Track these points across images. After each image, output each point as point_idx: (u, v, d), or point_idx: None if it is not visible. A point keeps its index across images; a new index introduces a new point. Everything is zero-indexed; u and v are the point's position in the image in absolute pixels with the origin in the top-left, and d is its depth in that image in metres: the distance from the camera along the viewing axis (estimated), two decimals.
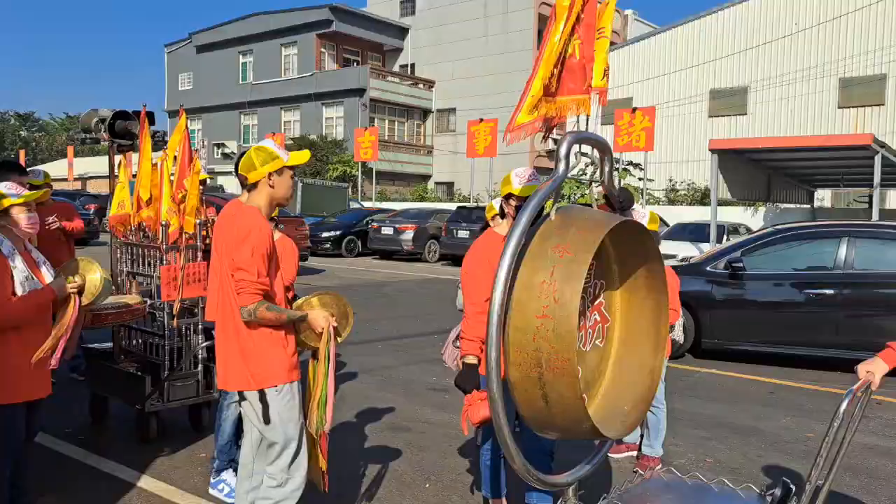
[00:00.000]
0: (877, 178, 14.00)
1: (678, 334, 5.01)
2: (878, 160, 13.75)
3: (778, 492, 2.40)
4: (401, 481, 4.42)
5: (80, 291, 3.51)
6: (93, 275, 3.67)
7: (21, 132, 51.29)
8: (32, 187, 5.92)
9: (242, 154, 4.31)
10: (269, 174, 3.01)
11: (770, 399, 6.64)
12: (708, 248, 15.41)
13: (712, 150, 15.39)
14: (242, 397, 3.06)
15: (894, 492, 4.43)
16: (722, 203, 17.38)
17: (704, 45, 27.81)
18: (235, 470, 3.95)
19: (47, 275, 3.42)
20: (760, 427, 5.73)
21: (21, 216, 3.31)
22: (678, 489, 2.84)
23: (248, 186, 3.06)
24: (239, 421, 4.00)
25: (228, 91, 40.73)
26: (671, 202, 25.86)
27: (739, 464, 4.90)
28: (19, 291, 3.21)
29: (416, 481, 4.43)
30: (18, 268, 3.24)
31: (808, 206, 21.12)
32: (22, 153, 36.46)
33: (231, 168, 4.48)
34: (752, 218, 20.38)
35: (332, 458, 4.69)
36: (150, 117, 5.47)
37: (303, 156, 3.15)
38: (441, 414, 5.84)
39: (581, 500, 2.78)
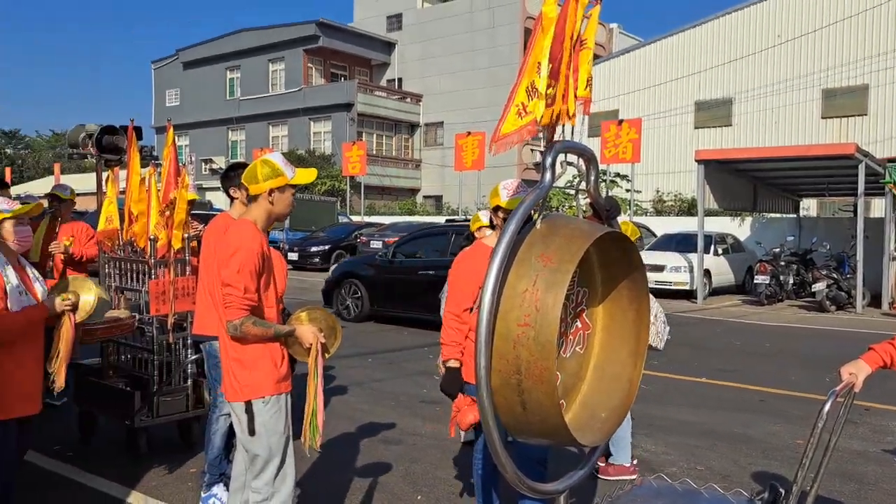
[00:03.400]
0: (860, 187, 14.15)
1: (654, 339, 4.45)
2: (861, 169, 13.93)
3: (767, 495, 2.43)
4: (392, 494, 4.40)
5: (74, 309, 3.50)
6: (87, 295, 3.69)
7: (7, 150, 50.98)
8: (56, 200, 5.90)
9: (231, 167, 4.29)
10: (271, 190, 2.96)
11: (760, 406, 6.68)
12: (695, 258, 15.50)
13: (698, 161, 15.55)
14: (233, 408, 3.06)
15: (884, 497, 4.46)
16: (709, 213, 17.46)
17: (689, 57, 28.07)
18: (226, 484, 3.93)
19: (41, 292, 3.42)
20: (750, 434, 5.76)
21: (11, 230, 3.31)
22: (669, 494, 2.86)
23: (248, 199, 3.06)
24: (230, 434, 3.98)
25: (216, 107, 40.81)
26: (658, 213, 25.98)
27: (730, 471, 4.92)
28: (11, 305, 3.20)
29: (407, 493, 4.42)
30: (11, 281, 3.24)
31: (795, 216, 21.22)
32: (8, 171, 36.18)
33: (219, 184, 4.50)
34: (739, 228, 20.51)
35: (322, 472, 4.69)
36: (138, 132, 5.47)
37: (309, 174, 3.09)
38: (432, 426, 5.83)
39: None
